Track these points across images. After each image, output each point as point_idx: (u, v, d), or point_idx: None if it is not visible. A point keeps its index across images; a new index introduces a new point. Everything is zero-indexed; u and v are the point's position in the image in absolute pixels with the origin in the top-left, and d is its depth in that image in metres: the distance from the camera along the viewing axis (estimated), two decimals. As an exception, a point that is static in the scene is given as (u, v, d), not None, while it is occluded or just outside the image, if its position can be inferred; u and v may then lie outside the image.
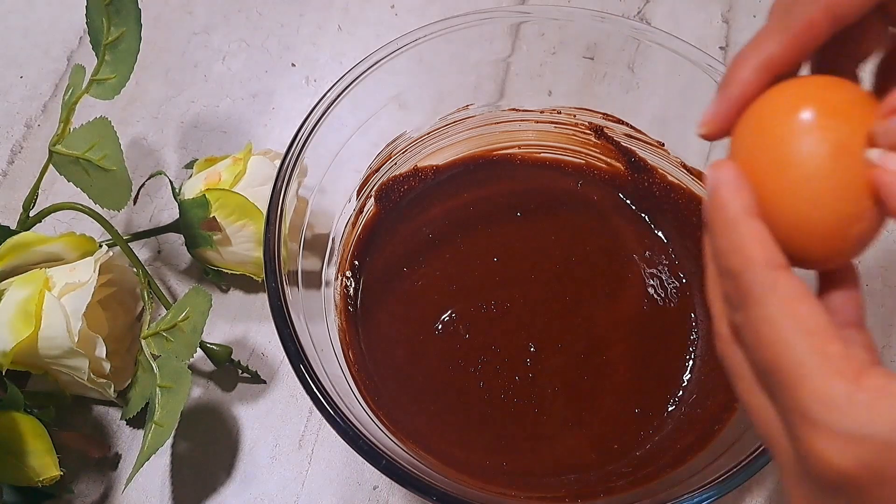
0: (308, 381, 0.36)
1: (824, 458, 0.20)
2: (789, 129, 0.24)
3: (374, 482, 0.46)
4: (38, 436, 0.41)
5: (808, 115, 0.24)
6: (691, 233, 0.48)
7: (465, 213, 0.50)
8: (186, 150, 0.56)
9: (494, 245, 0.49)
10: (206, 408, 0.48)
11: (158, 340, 0.43)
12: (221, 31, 0.61)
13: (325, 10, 0.62)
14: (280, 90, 0.59)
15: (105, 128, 0.44)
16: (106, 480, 0.46)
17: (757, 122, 0.25)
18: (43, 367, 0.43)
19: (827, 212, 0.23)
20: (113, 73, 0.45)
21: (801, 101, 0.24)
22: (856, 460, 0.20)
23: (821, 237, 0.24)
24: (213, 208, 0.46)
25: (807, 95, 0.24)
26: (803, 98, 0.24)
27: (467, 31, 0.46)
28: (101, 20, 0.44)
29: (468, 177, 0.51)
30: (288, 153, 0.42)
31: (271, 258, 0.39)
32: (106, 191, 0.45)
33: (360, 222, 0.49)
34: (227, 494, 0.45)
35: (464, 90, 0.50)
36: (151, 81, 0.58)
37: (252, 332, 0.50)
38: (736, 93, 0.25)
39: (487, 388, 0.44)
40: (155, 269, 0.52)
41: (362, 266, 0.48)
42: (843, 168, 0.23)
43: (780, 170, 0.24)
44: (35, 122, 0.57)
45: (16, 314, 0.41)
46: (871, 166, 0.23)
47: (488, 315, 0.46)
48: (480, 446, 0.43)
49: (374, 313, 0.47)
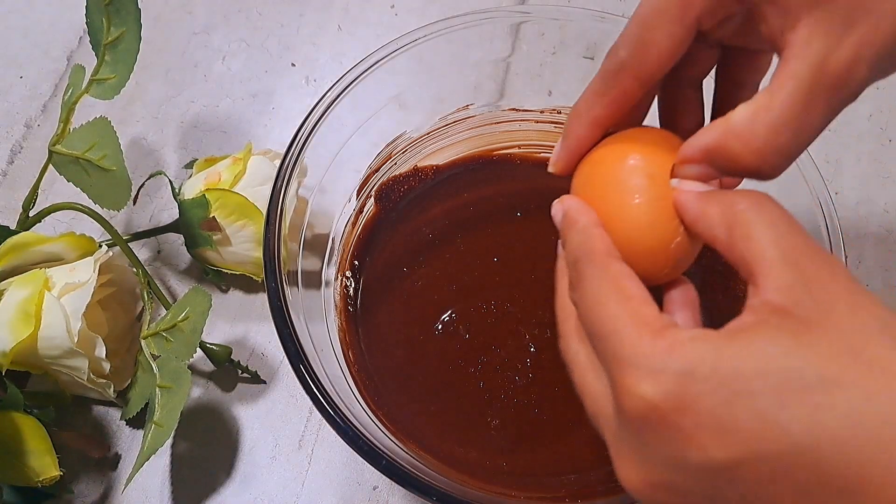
0: (308, 382, 0.36)
1: (632, 391, 0.24)
2: (616, 171, 0.30)
3: (374, 482, 0.46)
4: (37, 436, 0.41)
5: (629, 160, 0.30)
6: (691, 233, 0.48)
7: (465, 213, 0.50)
8: (186, 150, 0.56)
9: (494, 245, 0.49)
10: (206, 408, 0.48)
11: (158, 340, 0.43)
12: (221, 31, 0.61)
13: (325, 10, 0.62)
14: (280, 90, 0.59)
15: (105, 128, 0.44)
16: (106, 480, 0.46)
17: (591, 166, 0.32)
18: (43, 368, 0.43)
19: (648, 233, 0.29)
20: (113, 73, 0.45)
21: (624, 149, 0.30)
22: (656, 390, 0.23)
23: (647, 255, 0.29)
24: (213, 208, 0.46)
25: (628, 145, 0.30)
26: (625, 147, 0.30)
27: (467, 31, 0.46)
28: (100, 20, 0.44)
29: (468, 177, 0.51)
30: (288, 153, 0.42)
31: (271, 258, 0.39)
32: (106, 191, 0.45)
33: (359, 222, 0.49)
34: (226, 494, 0.45)
35: (464, 90, 0.50)
36: (151, 81, 0.58)
37: (252, 333, 0.50)
38: (574, 145, 0.32)
39: (487, 388, 0.44)
40: (155, 270, 0.52)
41: (362, 266, 0.48)
42: (655, 196, 0.29)
43: (610, 202, 0.30)
44: (35, 122, 0.57)
45: (15, 314, 0.41)
46: (674, 190, 0.29)
47: (488, 315, 0.46)
48: (480, 446, 0.43)
49: (374, 313, 0.47)
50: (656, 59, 0.29)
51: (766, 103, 0.26)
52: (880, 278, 0.52)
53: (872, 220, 0.54)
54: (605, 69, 0.30)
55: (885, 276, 0.52)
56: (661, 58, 0.29)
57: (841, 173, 0.55)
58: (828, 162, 0.56)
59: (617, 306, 0.26)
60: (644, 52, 0.29)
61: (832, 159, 0.56)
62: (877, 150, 0.56)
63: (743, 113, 0.27)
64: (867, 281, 0.52)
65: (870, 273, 0.52)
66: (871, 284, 0.52)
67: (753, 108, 0.26)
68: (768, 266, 0.25)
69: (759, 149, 0.26)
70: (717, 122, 0.27)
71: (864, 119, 0.57)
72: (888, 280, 0.52)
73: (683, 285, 0.30)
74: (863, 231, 0.53)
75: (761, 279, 0.25)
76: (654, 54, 0.29)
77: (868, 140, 0.56)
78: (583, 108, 0.32)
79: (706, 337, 0.24)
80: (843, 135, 0.57)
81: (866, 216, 0.54)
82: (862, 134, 0.57)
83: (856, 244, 0.53)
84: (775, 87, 0.26)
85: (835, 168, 0.55)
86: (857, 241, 0.53)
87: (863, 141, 0.56)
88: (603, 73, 0.30)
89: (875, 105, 0.58)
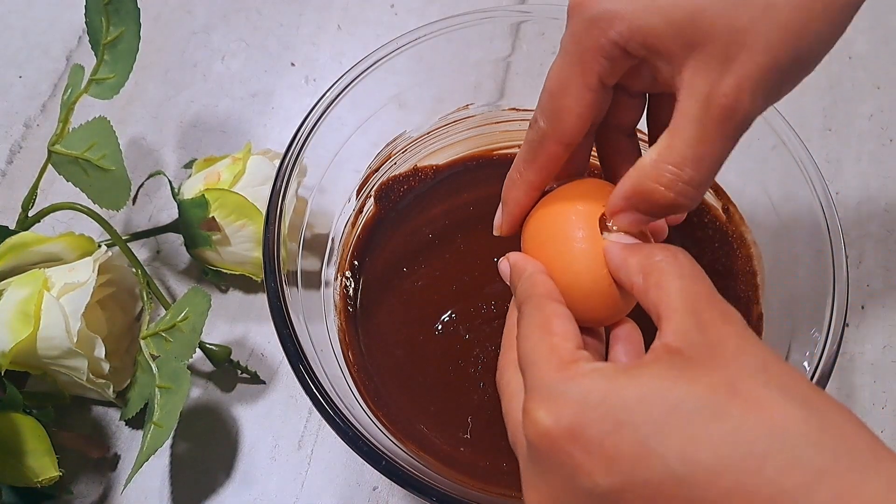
0: (307, 382, 0.36)
1: (531, 417, 0.26)
2: (555, 226, 0.33)
3: (374, 483, 0.46)
4: (37, 436, 0.41)
5: (566, 216, 0.33)
6: (692, 233, 0.48)
7: (465, 213, 0.50)
8: (185, 149, 0.56)
9: (494, 245, 0.48)
10: (206, 408, 0.48)
11: (157, 341, 0.43)
12: (221, 31, 0.61)
13: (325, 10, 0.62)
14: (279, 90, 0.59)
15: (104, 127, 0.44)
16: (105, 481, 0.46)
17: (535, 223, 0.35)
18: (42, 368, 0.43)
19: (584, 278, 0.32)
20: (112, 72, 0.45)
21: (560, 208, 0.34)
22: (551, 417, 0.25)
23: (586, 298, 0.32)
24: (213, 208, 0.45)
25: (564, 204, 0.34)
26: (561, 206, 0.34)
27: (467, 31, 0.46)
28: (100, 20, 0.44)
29: (468, 177, 0.51)
30: (287, 153, 0.42)
31: (270, 258, 0.39)
32: (105, 191, 0.45)
33: (359, 222, 0.49)
34: (226, 495, 0.45)
35: (464, 90, 0.50)
36: (150, 81, 0.58)
37: (251, 333, 0.50)
38: (514, 210, 0.35)
39: (487, 388, 0.44)
40: (154, 270, 0.52)
41: (362, 266, 0.48)
42: (589, 247, 0.32)
43: (552, 253, 0.33)
44: (34, 122, 0.57)
45: (14, 314, 0.41)
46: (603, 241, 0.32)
47: (488, 315, 0.46)
48: (480, 447, 0.43)
49: (374, 313, 0.47)
50: (573, 123, 0.31)
51: (668, 143, 0.29)
52: (880, 278, 0.52)
53: (873, 220, 0.54)
54: (530, 139, 0.33)
55: (885, 276, 0.52)
56: (577, 121, 0.31)
57: (841, 173, 0.55)
58: (828, 162, 0.56)
59: (539, 340, 0.28)
60: (560, 120, 0.31)
61: (833, 159, 0.56)
62: (877, 149, 0.56)
63: (650, 157, 0.29)
64: (868, 281, 0.52)
65: (870, 273, 0.52)
66: (872, 284, 0.52)
67: (658, 151, 0.29)
68: (672, 312, 0.26)
69: (670, 185, 0.29)
70: (630, 171, 0.30)
71: (864, 119, 0.57)
72: (888, 280, 0.52)
73: (626, 324, 0.33)
74: (863, 231, 0.53)
75: (664, 323, 0.27)
76: (569, 119, 0.31)
77: (868, 140, 0.56)
78: (516, 175, 0.35)
79: (604, 370, 0.26)
80: (844, 135, 0.57)
81: (867, 216, 0.54)
82: (862, 134, 0.57)
83: (856, 244, 0.53)
84: (672, 127, 0.29)
85: (835, 168, 0.55)
86: (858, 241, 0.53)
87: (863, 141, 0.56)
88: (528, 142, 0.33)
89: (875, 105, 0.58)
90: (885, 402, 0.48)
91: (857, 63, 0.59)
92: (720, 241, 0.47)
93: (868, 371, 0.49)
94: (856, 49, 0.60)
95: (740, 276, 0.45)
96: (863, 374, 0.49)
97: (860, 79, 0.59)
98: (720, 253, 0.47)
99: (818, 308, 0.39)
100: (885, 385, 0.49)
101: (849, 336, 0.50)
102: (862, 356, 0.49)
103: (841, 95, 0.58)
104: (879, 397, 0.48)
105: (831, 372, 0.37)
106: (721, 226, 0.47)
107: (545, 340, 0.28)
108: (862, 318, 0.51)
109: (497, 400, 0.44)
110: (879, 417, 0.48)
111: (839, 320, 0.38)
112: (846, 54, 0.60)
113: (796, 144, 0.42)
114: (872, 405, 0.48)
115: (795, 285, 0.42)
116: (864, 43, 0.60)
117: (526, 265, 0.33)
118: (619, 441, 0.24)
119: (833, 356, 0.37)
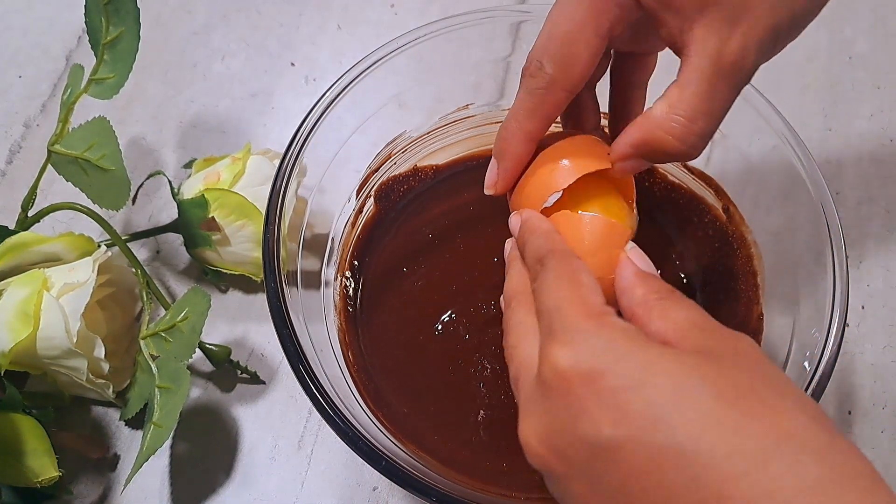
0: (307, 382, 0.36)
1: (551, 357, 0.27)
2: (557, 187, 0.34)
3: (374, 483, 0.46)
4: (36, 436, 0.41)
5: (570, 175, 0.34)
6: (692, 233, 0.48)
7: (465, 213, 0.50)
8: (185, 149, 0.56)
9: (494, 245, 0.48)
10: (205, 408, 0.48)
11: (157, 341, 0.43)
12: (221, 31, 0.61)
13: (325, 10, 0.62)
14: (279, 90, 0.59)
15: (104, 127, 0.44)
16: (105, 481, 0.46)
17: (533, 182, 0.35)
18: (42, 368, 0.43)
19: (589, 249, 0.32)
20: (112, 72, 0.45)
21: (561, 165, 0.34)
22: (572, 359, 0.26)
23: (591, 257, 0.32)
24: (212, 208, 0.45)
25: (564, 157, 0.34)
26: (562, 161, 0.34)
27: (467, 31, 0.46)
28: (99, 19, 0.44)
29: (468, 177, 0.51)
30: (287, 153, 0.42)
31: (270, 258, 0.39)
32: (104, 191, 0.45)
33: (359, 222, 0.48)
34: (226, 495, 0.45)
35: (464, 90, 0.50)
36: (150, 81, 0.58)
37: (251, 333, 0.50)
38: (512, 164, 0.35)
39: (487, 388, 0.44)
40: (154, 270, 0.52)
41: (362, 266, 0.48)
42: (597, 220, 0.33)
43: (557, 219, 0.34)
44: (34, 122, 0.57)
45: (14, 314, 0.41)
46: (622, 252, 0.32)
47: (488, 316, 0.46)
48: (480, 447, 0.43)
49: (374, 314, 0.47)
50: (581, 71, 0.32)
51: (679, 96, 0.30)
52: (881, 278, 0.52)
53: (873, 220, 0.54)
54: (534, 87, 0.33)
55: (885, 276, 0.52)
56: (585, 69, 0.32)
57: (842, 173, 0.55)
58: (829, 162, 0.56)
59: (568, 290, 0.29)
60: (571, 66, 0.32)
61: (833, 159, 0.56)
62: (877, 150, 0.56)
63: (661, 108, 0.31)
64: (868, 281, 0.52)
65: (870, 273, 0.52)
66: (872, 284, 0.52)
67: (669, 103, 0.30)
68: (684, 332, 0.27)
69: (681, 136, 0.30)
70: (639, 120, 0.31)
71: (864, 119, 0.57)
72: (888, 280, 0.52)
73: None
74: (863, 231, 0.53)
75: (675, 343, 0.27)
76: (579, 65, 0.32)
77: (869, 140, 0.56)
78: (514, 126, 0.35)
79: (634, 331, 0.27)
80: (844, 135, 0.57)
81: (867, 216, 0.54)
82: (863, 134, 0.57)
83: (856, 244, 0.53)
84: (683, 81, 0.30)
85: (836, 168, 0.55)
86: (858, 241, 0.53)
87: (863, 141, 0.56)
88: (531, 90, 0.33)
89: (876, 105, 0.58)
90: (886, 402, 0.48)
91: (857, 63, 0.59)
92: (720, 241, 0.47)
93: (868, 371, 0.49)
94: (856, 49, 0.60)
95: (740, 276, 0.45)
96: (863, 374, 0.49)
97: (860, 79, 0.59)
98: (720, 253, 0.47)
99: (818, 308, 0.39)
100: (885, 385, 0.49)
101: (849, 336, 0.50)
102: (862, 356, 0.49)
103: (841, 95, 0.58)
104: (879, 397, 0.48)
105: (831, 372, 0.37)
106: (721, 226, 0.47)
107: (575, 291, 0.29)
108: (862, 318, 0.51)
109: (497, 400, 0.44)
110: (879, 417, 0.48)
111: (839, 320, 0.38)
112: (846, 54, 0.60)
113: (796, 144, 0.42)
114: (872, 405, 0.48)
115: (795, 285, 0.42)
116: (864, 43, 0.60)
117: (541, 223, 0.33)
118: (634, 398, 0.24)
119: (833, 356, 0.37)
